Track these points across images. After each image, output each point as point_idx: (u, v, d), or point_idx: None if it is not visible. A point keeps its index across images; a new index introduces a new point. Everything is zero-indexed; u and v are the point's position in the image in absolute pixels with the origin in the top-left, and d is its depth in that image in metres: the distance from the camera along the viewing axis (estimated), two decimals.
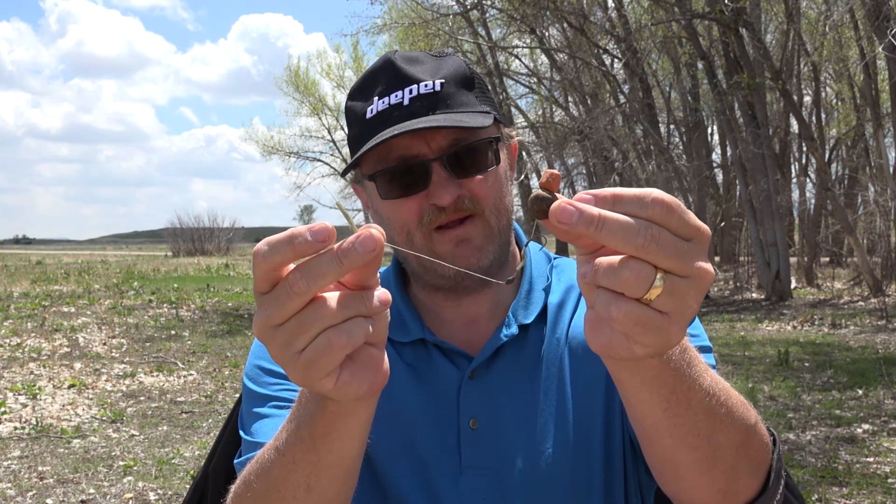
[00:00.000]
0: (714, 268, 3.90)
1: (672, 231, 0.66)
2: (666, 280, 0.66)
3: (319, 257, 0.67)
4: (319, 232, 0.66)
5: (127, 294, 18.30)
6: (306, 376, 0.71)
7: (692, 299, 0.68)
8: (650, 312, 0.67)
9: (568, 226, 0.65)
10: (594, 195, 0.67)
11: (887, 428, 6.13)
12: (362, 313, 0.70)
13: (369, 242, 0.66)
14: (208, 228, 61.66)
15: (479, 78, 1.18)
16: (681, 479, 0.91)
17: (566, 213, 0.65)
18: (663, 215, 0.66)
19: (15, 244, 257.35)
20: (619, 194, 0.67)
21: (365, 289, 0.71)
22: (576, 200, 0.66)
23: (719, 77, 17.01)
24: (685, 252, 0.66)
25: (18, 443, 6.17)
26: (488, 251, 1.14)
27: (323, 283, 0.67)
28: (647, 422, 0.85)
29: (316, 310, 0.68)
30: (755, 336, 11.53)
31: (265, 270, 0.68)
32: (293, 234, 0.67)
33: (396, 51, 1.19)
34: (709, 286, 0.69)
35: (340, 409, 0.81)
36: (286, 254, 0.67)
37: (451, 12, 21.50)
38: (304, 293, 0.67)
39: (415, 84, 1.11)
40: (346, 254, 0.66)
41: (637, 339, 0.68)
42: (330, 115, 43.51)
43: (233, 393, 8.04)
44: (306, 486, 0.89)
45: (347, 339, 0.69)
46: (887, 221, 17.34)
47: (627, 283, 0.65)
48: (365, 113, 1.14)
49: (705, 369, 0.84)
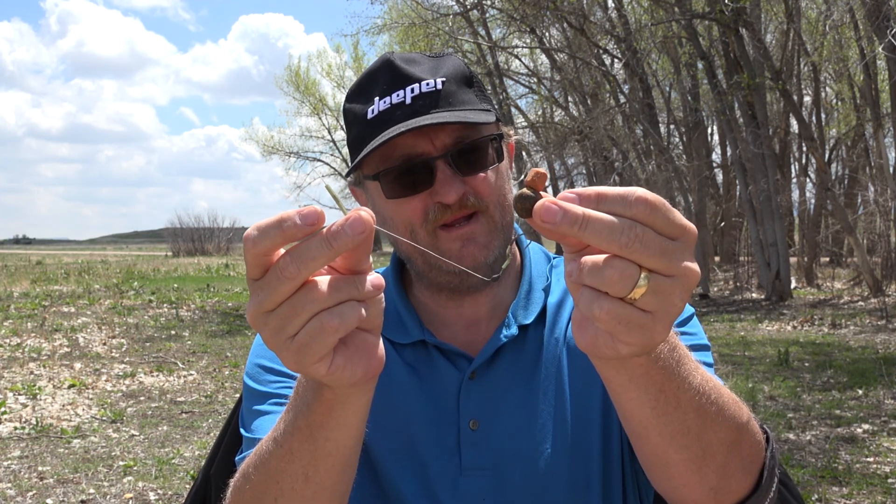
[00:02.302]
0: (714, 267, 3.88)
1: (657, 230, 0.66)
2: (651, 279, 0.66)
3: (309, 240, 0.66)
4: (308, 215, 0.66)
5: (127, 294, 18.30)
6: (299, 361, 0.71)
7: (677, 298, 0.67)
8: (634, 311, 0.67)
9: (552, 225, 0.65)
10: (578, 194, 0.67)
11: (887, 428, 6.13)
12: (355, 297, 0.70)
13: (359, 224, 0.66)
14: (208, 228, 61.65)
15: (476, 77, 1.19)
16: (671, 478, 0.91)
17: (550, 212, 0.65)
18: (647, 214, 0.66)
19: (15, 244, 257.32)
20: (603, 193, 0.66)
21: (357, 273, 0.70)
22: (560, 199, 0.66)
23: (719, 77, 17.02)
24: (670, 251, 0.66)
25: (18, 443, 6.17)
26: (493, 247, 1.14)
27: (313, 266, 0.67)
28: (635, 420, 0.85)
29: (307, 293, 0.68)
30: (755, 336, 11.53)
31: (255, 255, 0.68)
32: (282, 218, 0.66)
33: (394, 52, 1.18)
34: (695, 285, 0.69)
35: (336, 397, 0.81)
36: (275, 238, 0.66)
37: (451, 12, 21.50)
38: (294, 277, 0.67)
39: (416, 83, 1.11)
40: (335, 236, 0.66)
41: (621, 337, 0.68)
42: (330, 115, 43.52)
43: (233, 393, 8.04)
44: (304, 476, 0.89)
45: (340, 321, 0.68)
46: (887, 221, 17.34)
47: (611, 282, 0.65)
48: (366, 114, 1.14)
49: (695, 367, 0.84)
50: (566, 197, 0.66)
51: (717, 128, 24.16)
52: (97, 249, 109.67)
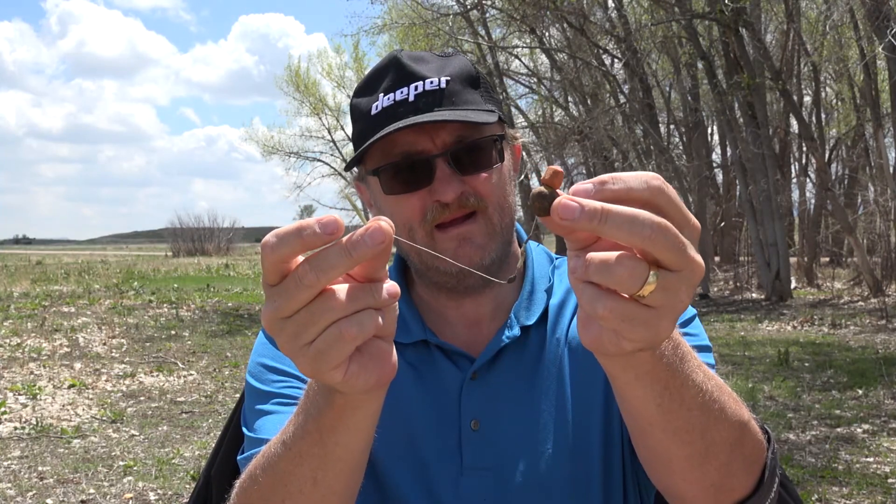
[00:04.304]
0: (714, 267, 3.89)
1: (674, 222, 0.65)
2: (660, 276, 0.65)
3: (328, 249, 0.66)
4: (328, 224, 0.66)
5: (127, 294, 18.30)
6: (315, 368, 0.71)
7: (684, 294, 0.67)
8: (638, 308, 0.66)
9: (571, 221, 0.64)
10: (593, 182, 0.66)
11: (887, 428, 6.13)
12: (372, 305, 0.70)
13: (378, 235, 0.66)
14: (208, 228, 61.65)
15: (484, 78, 1.18)
16: (672, 473, 0.90)
17: (568, 209, 0.64)
18: (666, 203, 0.66)
19: (15, 244, 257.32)
20: (619, 178, 0.66)
21: (374, 281, 0.70)
22: (575, 193, 0.65)
23: (719, 77, 17.01)
24: (684, 244, 0.65)
25: (18, 443, 6.17)
26: (490, 249, 1.14)
27: (332, 275, 0.67)
28: (641, 418, 0.85)
29: (325, 301, 0.68)
30: (755, 336, 11.53)
31: (273, 262, 0.68)
32: (302, 226, 0.66)
33: (402, 50, 1.19)
34: (700, 280, 0.68)
35: (348, 402, 0.81)
36: (294, 246, 0.66)
37: (451, 12, 21.50)
38: (313, 285, 0.67)
39: (420, 81, 1.12)
40: (355, 246, 0.66)
41: (626, 334, 0.68)
42: (330, 115, 43.52)
43: (233, 393, 8.04)
44: (313, 480, 0.88)
45: (358, 330, 0.69)
46: (887, 221, 17.33)
47: (621, 280, 0.64)
48: (370, 109, 1.14)
49: (698, 365, 0.84)
50: (581, 189, 0.66)
51: (717, 128, 24.14)
52: (97, 249, 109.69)
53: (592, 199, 0.65)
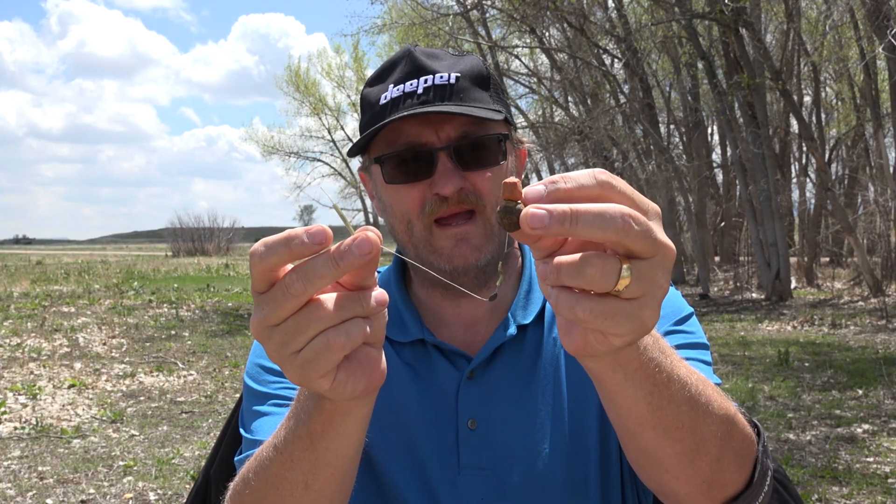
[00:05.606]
0: (714, 267, 3.88)
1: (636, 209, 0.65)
2: (633, 267, 0.64)
3: (316, 259, 0.67)
4: (316, 234, 0.66)
5: (127, 294, 18.31)
6: (303, 376, 0.71)
7: (661, 278, 0.66)
8: (618, 303, 0.65)
9: (542, 229, 0.62)
10: (544, 184, 0.65)
11: (887, 428, 6.13)
12: (360, 314, 0.70)
13: (366, 245, 0.66)
14: (208, 228, 61.63)
15: (495, 80, 1.19)
16: (664, 472, 0.90)
17: (537, 217, 0.62)
18: (619, 195, 0.65)
19: (15, 244, 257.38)
20: (567, 176, 0.65)
21: (362, 289, 0.71)
22: (527, 197, 0.64)
23: (719, 77, 17.02)
24: (653, 229, 0.65)
25: (18, 443, 6.17)
26: (486, 251, 1.14)
27: (320, 284, 0.67)
28: (631, 418, 0.84)
29: (313, 311, 0.69)
30: (755, 336, 11.53)
31: (261, 271, 0.68)
32: (290, 236, 0.67)
33: (417, 45, 1.20)
34: (673, 261, 0.67)
35: (337, 408, 0.81)
36: (283, 255, 0.67)
37: (451, 12, 21.52)
38: (300, 294, 0.68)
39: (430, 75, 1.13)
40: (342, 256, 0.66)
41: (611, 330, 0.67)
42: (330, 115, 43.57)
43: (233, 393, 8.04)
44: (304, 484, 0.89)
45: (346, 339, 0.69)
46: (887, 221, 17.33)
47: (594, 278, 0.63)
48: (379, 99, 1.15)
49: (678, 359, 0.84)
50: (533, 192, 0.64)
51: (717, 128, 24.16)
52: (97, 249, 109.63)
53: (546, 200, 0.64)
